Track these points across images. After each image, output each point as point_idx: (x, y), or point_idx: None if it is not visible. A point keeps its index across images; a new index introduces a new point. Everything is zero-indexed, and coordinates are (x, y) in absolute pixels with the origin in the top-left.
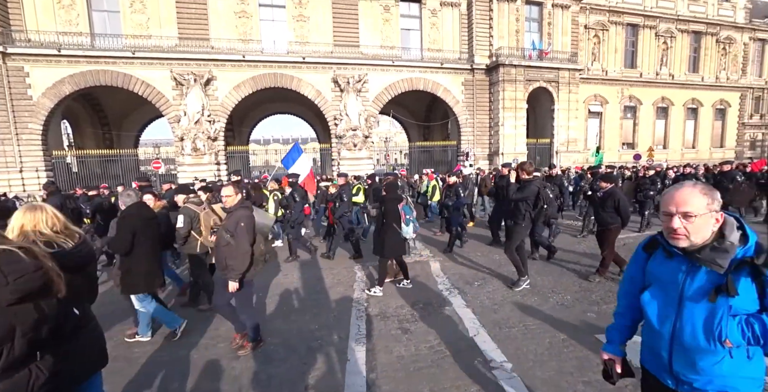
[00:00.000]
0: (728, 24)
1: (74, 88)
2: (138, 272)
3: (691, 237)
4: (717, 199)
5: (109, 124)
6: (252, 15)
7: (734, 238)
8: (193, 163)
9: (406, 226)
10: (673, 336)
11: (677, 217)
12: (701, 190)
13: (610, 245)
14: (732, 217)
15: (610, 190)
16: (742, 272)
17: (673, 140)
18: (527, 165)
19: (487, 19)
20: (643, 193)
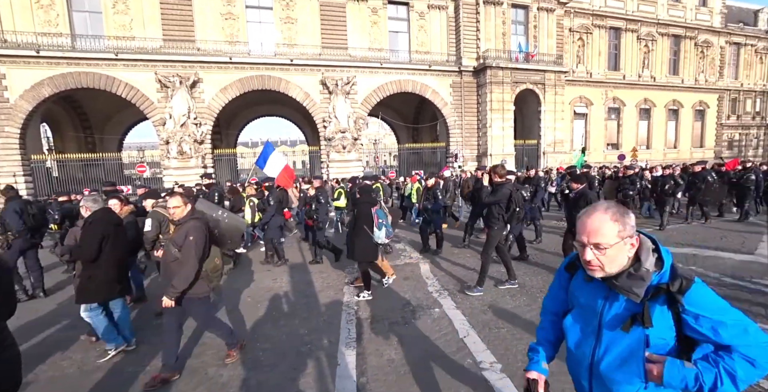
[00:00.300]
0: (705, 28)
1: (54, 91)
2: (99, 280)
3: (606, 269)
4: (629, 223)
5: (91, 127)
6: (239, 16)
7: (650, 264)
8: (179, 167)
9: (378, 231)
10: (591, 366)
11: (589, 249)
12: (612, 215)
13: None
14: (648, 239)
15: (581, 191)
16: (657, 300)
17: (656, 140)
18: (499, 168)
19: (474, 22)
20: (623, 193)
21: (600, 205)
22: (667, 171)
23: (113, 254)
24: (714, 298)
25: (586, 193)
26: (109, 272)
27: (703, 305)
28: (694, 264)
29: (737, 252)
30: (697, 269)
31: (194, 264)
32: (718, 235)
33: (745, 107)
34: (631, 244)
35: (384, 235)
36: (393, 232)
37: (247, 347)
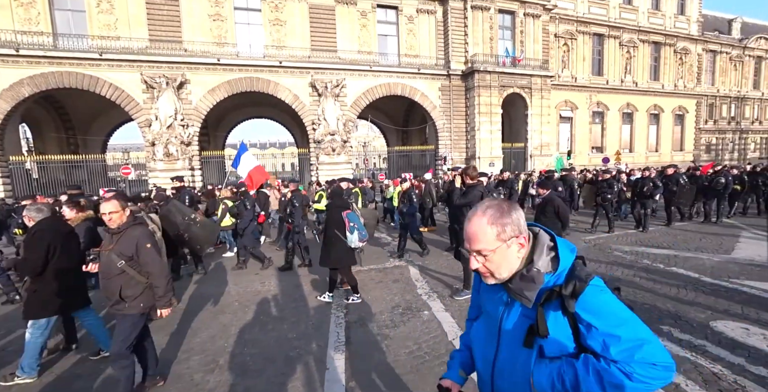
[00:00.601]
0: (684, 36)
1: (34, 90)
2: (46, 294)
3: (495, 275)
4: (510, 223)
5: (74, 128)
6: (227, 18)
7: (542, 264)
8: (165, 169)
9: (351, 234)
10: (492, 379)
11: (474, 256)
12: (489, 218)
13: None
14: (548, 235)
15: (547, 196)
16: (551, 305)
17: (638, 144)
18: (471, 169)
19: (462, 27)
20: (602, 196)
21: (479, 207)
22: (646, 173)
23: (63, 265)
24: (612, 305)
25: (552, 199)
26: (58, 284)
27: (596, 312)
28: (675, 265)
29: (715, 253)
30: (678, 269)
31: (163, 268)
32: (697, 237)
33: (722, 112)
34: (519, 244)
35: (357, 239)
36: (367, 236)
37: (234, 352)
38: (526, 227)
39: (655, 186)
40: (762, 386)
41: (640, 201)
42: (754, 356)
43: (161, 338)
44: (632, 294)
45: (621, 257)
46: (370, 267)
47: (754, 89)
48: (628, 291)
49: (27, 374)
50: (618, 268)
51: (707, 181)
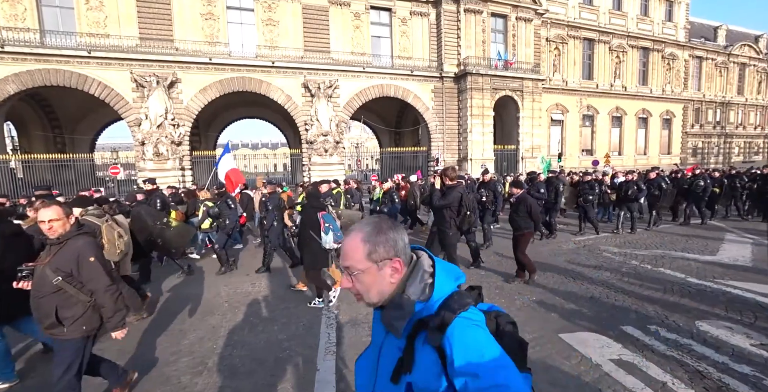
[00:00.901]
0: (671, 42)
1: (19, 88)
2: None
3: (365, 297)
4: (384, 243)
5: (61, 126)
6: (219, 17)
7: (414, 291)
8: (155, 169)
9: (326, 235)
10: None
11: (345, 274)
12: (365, 235)
13: (523, 248)
14: (430, 260)
15: (521, 196)
16: (420, 337)
17: (627, 147)
18: (450, 170)
19: (455, 30)
20: (583, 198)
21: (362, 223)
22: (630, 176)
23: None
24: (479, 343)
25: (525, 199)
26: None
27: (460, 349)
28: (662, 266)
29: (701, 254)
30: (665, 270)
31: (108, 282)
32: (683, 239)
33: (707, 117)
34: (393, 268)
35: (332, 240)
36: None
37: (223, 354)
38: (406, 250)
39: (639, 189)
40: (744, 383)
41: (625, 204)
42: (738, 355)
43: (149, 340)
44: (621, 295)
45: (610, 258)
46: None
47: (738, 95)
48: (617, 292)
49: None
50: (607, 269)
51: (687, 184)
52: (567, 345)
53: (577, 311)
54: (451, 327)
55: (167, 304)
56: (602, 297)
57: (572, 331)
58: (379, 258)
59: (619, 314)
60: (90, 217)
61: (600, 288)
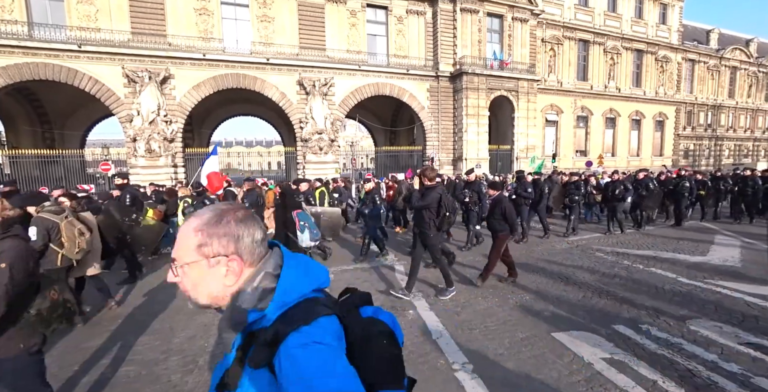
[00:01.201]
0: (665, 44)
1: (7, 82)
2: None
3: (191, 296)
4: (223, 236)
5: (50, 121)
6: (213, 12)
7: (247, 297)
8: (147, 166)
9: (301, 234)
10: None
11: (172, 264)
12: (198, 224)
13: (496, 251)
14: (277, 256)
15: (496, 198)
16: (250, 351)
17: (620, 148)
18: (428, 170)
19: (452, 29)
20: (569, 198)
21: (204, 209)
22: (615, 176)
23: None
24: (311, 367)
25: (501, 200)
26: None
27: (289, 372)
28: (654, 266)
29: (692, 255)
30: (657, 270)
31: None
32: (674, 239)
33: (699, 119)
34: (228, 268)
35: (309, 238)
36: (319, 235)
37: (214, 352)
38: (254, 249)
39: (625, 189)
40: (733, 381)
41: (611, 205)
42: (727, 353)
43: (138, 338)
44: (613, 294)
45: (603, 258)
46: (356, 266)
47: (729, 98)
48: (610, 291)
49: None
50: (599, 269)
51: (672, 185)
52: (559, 344)
53: (570, 310)
54: (284, 344)
55: (156, 302)
56: (595, 297)
57: (564, 330)
58: (212, 252)
59: (611, 313)
60: (46, 214)
61: (592, 287)
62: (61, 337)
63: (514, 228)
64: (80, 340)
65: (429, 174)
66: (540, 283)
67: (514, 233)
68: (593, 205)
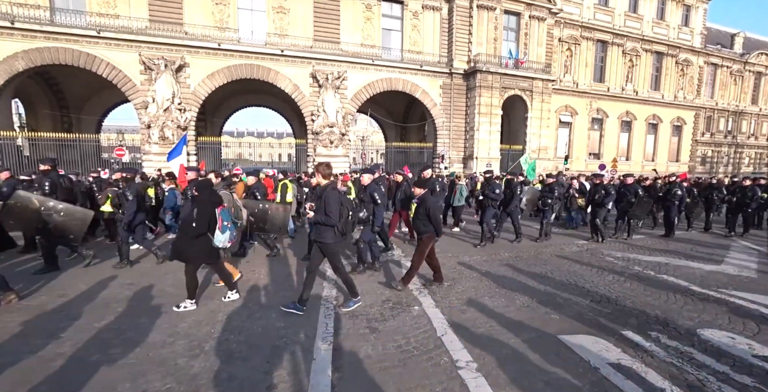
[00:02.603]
0: (686, 47)
1: (29, 65)
2: None
3: None
4: None
5: (68, 106)
6: (229, 2)
7: None
8: (160, 152)
9: (221, 234)
10: None
11: None
12: None
13: (420, 253)
14: None
15: (422, 197)
16: None
17: (635, 152)
18: (322, 167)
19: (467, 26)
20: (542, 201)
21: None
22: (597, 180)
23: None
24: None
25: (425, 200)
26: None
27: None
28: (666, 273)
29: (706, 263)
30: (668, 277)
31: None
32: (688, 246)
33: (719, 125)
34: None
35: (227, 239)
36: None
37: (220, 338)
38: None
39: (606, 193)
40: None
41: (593, 210)
42: (739, 365)
43: (146, 321)
44: (622, 300)
45: (613, 263)
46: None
47: (752, 104)
48: (619, 296)
49: None
50: (609, 274)
51: (661, 192)
52: (565, 347)
53: (578, 314)
54: None
55: (166, 286)
56: (603, 301)
57: (571, 333)
58: None
59: (620, 318)
60: None
61: (601, 292)
62: (73, 321)
63: (439, 229)
64: (92, 320)
65: (323, 170)
66: (548, 285)
67: (439, 235)
68: (575, 210)
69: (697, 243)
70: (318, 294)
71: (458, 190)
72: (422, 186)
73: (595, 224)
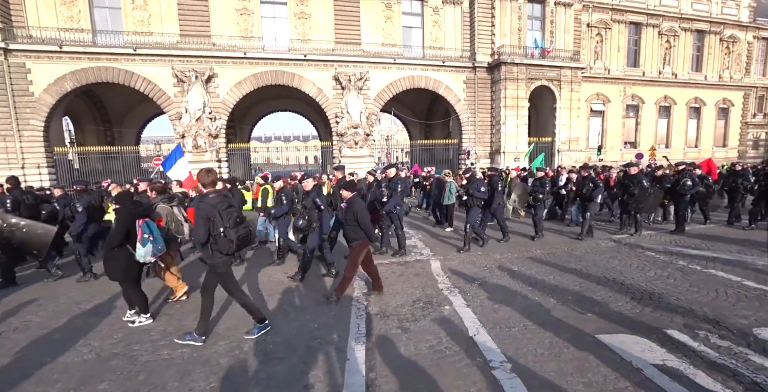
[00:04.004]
0: (732, 22)
1: (75, 85)
2: None
3: None
4: None
5: (110, 120)
6: (253, 12)
7: None
8: (194, 161)
9: (142, 247)
10: None
11: None
12: None
13: (352, 263)
14: None
15: (349, 200)
16: None
17: (676, 139)
18: (203, 175)
19: (489, 17)
20: (533, 197)
21: None
22: (585, 172)
23: None
24: None
25: (352, 203)
26: None
27: None
28: (714, 268)
29: (760, 257)
30: (718, 272)
31: None
32: (739, 239)
33: None
34: None
35: (149, 253)
36: (164, 250)
37: (258, 339)
38: None
39: (595, 186)
40: None
41: (582, 205)
42: None
43: (190, 322)
44: (665, 296)
45: (653, 257)
46: (391, 260)
47: None
48: (661, 293)
49: None
50: (650, 269)
51: (670, 183)
52: (604, 347)
53: (617, 312)
54: None
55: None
56: (645, 299)
57: (610, 333)
58: None
59: (664, 317)
60: None
61: (642, 288)
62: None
63: (370, 235)
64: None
65: (203, 177)
66: (583, 283)
67: (372, 241)
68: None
69: (748, 236)
70: (348, 295)
71: (447, 188)
72: (350, 188)
73: (586, 218)
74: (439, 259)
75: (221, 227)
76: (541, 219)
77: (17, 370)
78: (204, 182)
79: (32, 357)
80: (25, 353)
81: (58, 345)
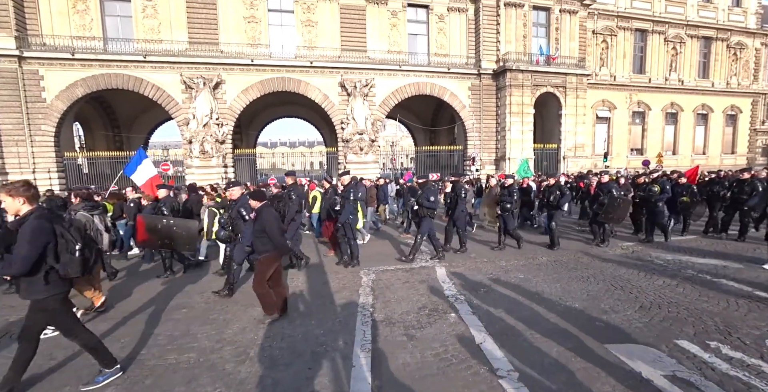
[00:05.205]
0: (739, 29)
1: (87, 91)
2: None
3: None
4: None
5: (119, 126)
6: (261, 20)
7: None
8: (201, 166)
9: None
10: None
11: None
12: None
13: (258, 279)
14: None
15: (258, 210)
16: None
17: (683, 146)
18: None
19: (495, 25)
20: (501, 206)
21: None
22: (552, 181)
23: None
24: None
25: (260, 212)
26: None
27: None
28: (724, 277)
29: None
30: (728, 282)
31: None
32: (750, 248)
33: None
34: None
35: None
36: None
37: (264, 345)
38: None
39: (562, 194)
40: None
41: (548, 213)
42: None
43: (197, 327)
44: (675, 306)
45: (662, 266)
46: (397, 267)
47: None
48: (671, 302)
49: None
50: (659, 278)
51: (642, 191)
52: (613, 356)
53: (625, 321)
54: None
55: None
56: (654, 308)
57: (618, 342)
58: None
59: (673, 327)
60: None
61: (651, 297)
62: (135, 325)
63: (280, 247)
64: (148, 327)
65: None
66: (590, 291)
67: (283, 253)
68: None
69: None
70: (354, 302)
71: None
72: (258, 198)
73: (551, 227)
74: (445, 266)
75: (76, 248)
76: (514, 230)
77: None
78: (26, 196)
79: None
80: None
81: (61, 350)
